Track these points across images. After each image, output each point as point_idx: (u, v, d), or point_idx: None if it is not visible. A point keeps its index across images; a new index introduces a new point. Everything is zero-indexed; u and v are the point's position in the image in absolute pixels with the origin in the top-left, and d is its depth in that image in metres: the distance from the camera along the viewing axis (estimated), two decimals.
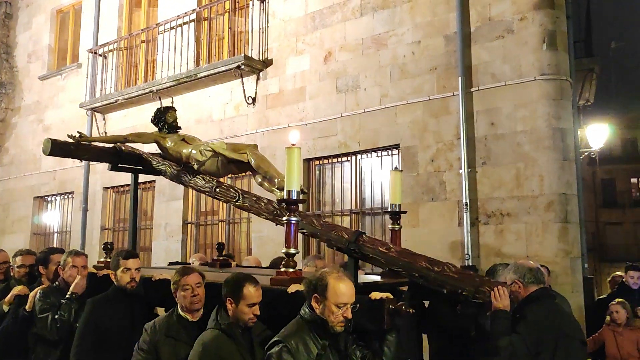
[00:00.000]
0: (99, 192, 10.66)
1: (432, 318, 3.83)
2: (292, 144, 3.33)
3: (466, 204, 6.37)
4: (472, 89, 6.55)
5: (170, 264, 6.14)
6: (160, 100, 9.50)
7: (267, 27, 8.56)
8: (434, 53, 6.91)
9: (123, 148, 4.76)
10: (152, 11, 10.73)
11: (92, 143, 4.64)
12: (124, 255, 3.79)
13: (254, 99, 8.55)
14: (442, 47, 6.85)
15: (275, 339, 2.70)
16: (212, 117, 9.06)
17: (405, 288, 3.65)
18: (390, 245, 3.63)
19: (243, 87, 8.51)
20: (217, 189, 4.39)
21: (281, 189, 3.70)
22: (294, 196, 3.28)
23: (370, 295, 2.89)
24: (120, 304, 3.72)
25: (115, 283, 3.79)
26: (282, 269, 3.26)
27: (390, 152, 7.25)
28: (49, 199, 11.93)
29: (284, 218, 3.29)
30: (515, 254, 5.82)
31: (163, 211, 9.53)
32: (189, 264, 6.14)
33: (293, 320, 2.80)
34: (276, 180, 3.88)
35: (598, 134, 10.69)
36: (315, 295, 2.74)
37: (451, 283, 3.21)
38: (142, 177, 9.73)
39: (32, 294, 4.09)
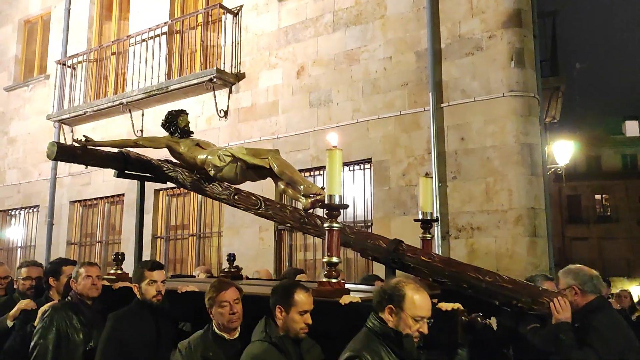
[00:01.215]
0: (65, 205, 10.42)
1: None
2: (333, 146, 3.12)
3: (437, 218, 6.41)
4: (442, 105, 6.65)
5: (173, 276, 5.89)
6: (130, 112, 9.39)
7: (240, 41, 8.56)
8: (405, 69, 7.00)
9: (130, 153, 4.46)
10: (123, 23, 10.63)
11: (99, 148, 4.37)
12: (149, 267, 3.49)
13: (226, 112, 8.51)
14: (413, 63, 6.95)
15: (348, 354, 2.45)
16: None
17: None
18: (433, 254, 3.40)
19: (215, 100, 8.47)
20: (236, 196, 4.17)
21: (307, 196, 3.55)
22: (337, 201, 3.06)
23: (438, 306, 2.67)
24: (145, 319, 3.42)
25: (138, 296, 3.47)
26: (325, 280, 3.03)
27: (362, 167, 7.29)
28: (13, 212, 11.60)
29: (326, 225, 3.06)
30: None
31: (131, 225, 9.30)
32: (194, 276, 5.93)
33: (360, 333, 2.55)
34: (301, 187, 3.65)
35: (564, 150, 10.96)
36: (390, 306, 2.49)
37: (504, 294, 3.00)
38: (110, 191, 9.74)
39: (42, 309, 3.73)
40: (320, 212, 3.87)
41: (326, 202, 3.09)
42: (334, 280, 3.00)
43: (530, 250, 6.00)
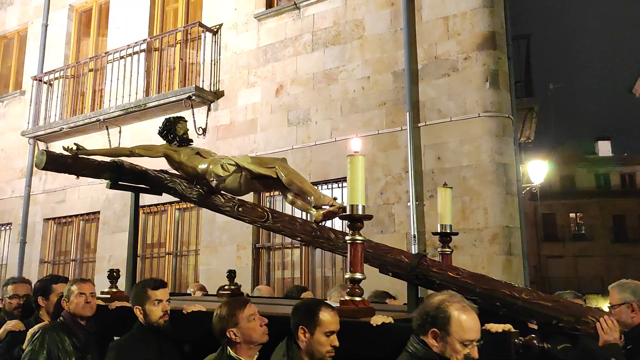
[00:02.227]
0: (39, 223, 10.23)
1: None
2: (355, 152, 2.91)
3: (414, 236, 6.47)
4: (419, 124, 6.74)
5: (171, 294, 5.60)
6: (107, 129, 9.31)
7: (219, 59, 8.59)
8: (383, 89, 7.09)
9: (124, 163, 4.12)
10: (101, 40, 10.59)
11: (91, 157, 4.04)
12: (152, 285, 3.19)
13: (204, 130, 8.50)
14: (390, 83, 7.05)
15: None
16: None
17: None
18: (460, 269, 3.17)
19: (194, 117, 8.46)
20: (240, 208, 3.87)
21: (319, 207, 3.33)
22: (360, 211, 2.84)
23: (486, 328, 2.36)
24: (150, 344, 3.10)
25: (141, 319, 3.15)
26: (347, 298, 2.78)
27: (340, 185, 7.32)
28: None
29: (348, 237, 2.85)
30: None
31: (107, 243, 9.23)
32: (189, 294, 5.67)
33: (401, 358, 2.32)
34: (312, 198, 3.42)
35: (538, 170, 11.16)
36: (434, 330, 2.22)
37: (544, 312, 2.74)
38: (85, 208, 9.60)
39: (31, 331, 3.44)
40: (330, 224, 3.68)
41: (348, 212, 2.86)
42: (358, 299, 2.76)
43: (505, 269, 6.06)
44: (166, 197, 8.84)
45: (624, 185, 35.27)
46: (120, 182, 4.09)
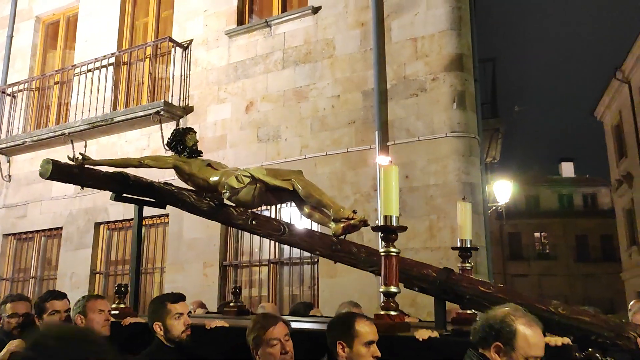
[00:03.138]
0: None
1: None
2: (390, 161, 2.89)
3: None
4: (388, 143, 6.80)
5: None
6: (72, 143, 9.13)
7: (189, 74, 8.55)
8: (352, 107, 7.15)
9: (129, 175, 3.94)
10: (68, 53, 10.43)
11: (97, 167, 3.87)
12: (172, 299, 3.00)
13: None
14: (360, 102, 7.12)
15: None
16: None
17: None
18: (490, 283, 3.07)
19: (162, 132, 8.36)
20: (254, 221, 3.71)
21: (338, 220, 3.25)
22: (394, 223, 2.74)
23: (545, 341, 2.24)
24: None
25: (160, 336, 2.94)
26: (382, 312, 2.70)
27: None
28: None
29: (382, 250, 2.76)
30: (427, 304, 5.94)
31: (69, 260, 8.98)
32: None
33: None
34: (331, 211, 3.30)
35: (504, 189, 11.37)
36: (498, 344, 2.10)
37: (582, 328, 2.65)
38: (47, 224, 9.34)
39: None
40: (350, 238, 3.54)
41: (382, 223, 2.77)
42: (393, 313, 2.67)
43: None
44: (132, 213, 8.68)
45: (586, 206, 36.22)
46: (125, 195, 3.93)
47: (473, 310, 3.20)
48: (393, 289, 2.70)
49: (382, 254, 2.74)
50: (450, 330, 2.98)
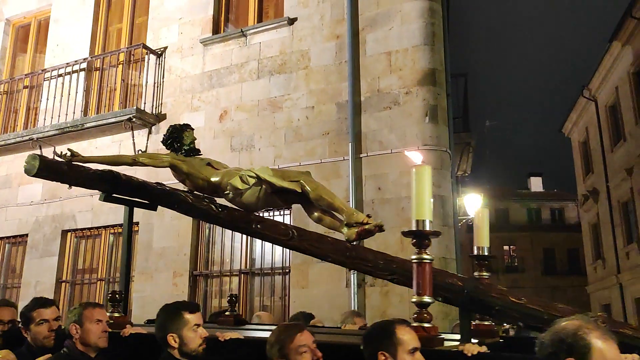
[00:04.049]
0: None
1: None
2: (422, 161, 2.67)
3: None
4: (361, 155, 6.85)
5: (149, 321, 5.14)
6: (40, 149, 8.94)
7: (162, 81, 8.48)
8: (326, 119, 7.19)
9: (121, 174, 3.64)
10: (39, 57, 10.25)
11: (87, 164, 3.57)
12: (189, 308, 2.76)
13: (144, 153, 8.30)
14: (334, 113, 7.16)
15: None
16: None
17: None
18: (520, 293, 2.89)
19: (133, 140, 8.27)
20: (259, 225, 3.46)
21: (351, 225, 3.08)
22: (427, 227, 2.57)
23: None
24: None
25: (172, 348, 2.67)
26: (416, 324, 2.50)
27: (282, 212, 7.30)
28: None
29: (414, 257, 2.58)
30: (399, 316, 5.97)
31: (34, 268, 8.76)
32: None
33: None
34: (343, 215, 3.13)
35: (474, 203, 11.53)
36: (571, 359, 1.91)
37: (624, 341, 2.46)
38: (12, 231, 9.11)
39: None
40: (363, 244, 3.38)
41: (414, 228, 2.59)
42: (427, 325, 2.48)
43: None
44: (101, 221, 8.54)
45: (553, 220, 36.98)
46: (115, 195, 3.65)
47: (491, 322, 3.03)
48: (427, 299, 2.52)
49: (415, 261, 2.56)
50: (496, 344, 2.82)
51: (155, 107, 8.39)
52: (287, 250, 7.15)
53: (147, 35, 8.91)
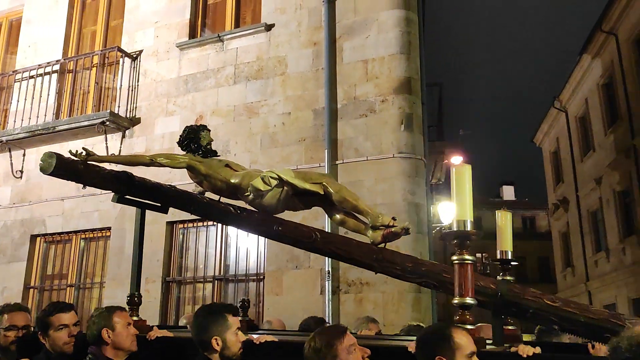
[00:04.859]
0: None
1: None
2: (462, 160, 2.67)
3: (328, 273, 6.51)
4: (337, 162, 6.87)
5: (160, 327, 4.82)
6: (9, 152, 8.77)
7: (137, 85, 8.39)
8: (302, 125, 7.20)
9: (134, 175, 3.53)
10: (10, 57, 10.04)
11: (102, 164, 3.46)
12: (232, 310, 2.66)
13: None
14: (310, 120, 7.17)
15: None
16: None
17: None
18: (554, 296, 2.81)
19: (106, 143, 8.14)
20: (280, 227, 3.37)
21: (377, 228, 3.02)
22: (468, 227, 2.55)
23: None
24: None
25: (214, 353, 2.56)
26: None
27: None
28: None
29: (455, 258, 2.54)
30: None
31: (1, 274, 8.54)
32: (186, 327, 4.71)
33: None
34: (368, 217, 3.06)
35: (448, 210, 11.64)
36: None
37: None
38: None
39: None
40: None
41: (455, 228, 2.57)
42: (470, 327, 2.44)
43: (415, 306, 6.22)
44: (71, 226, 8.39)
45: (525, 229, 37.55)
46: (128, 197, 3.54)
47: (514, 326, 2.98)
48: (469, 300, 2.47)
49: (456, 262, 2.53)
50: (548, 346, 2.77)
51: (130, 111, 8.29)
52: (262, 256, 7.12)
53: (122, 38, 8.81)
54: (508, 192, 40.61)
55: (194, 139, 3.66)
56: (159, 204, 3.66)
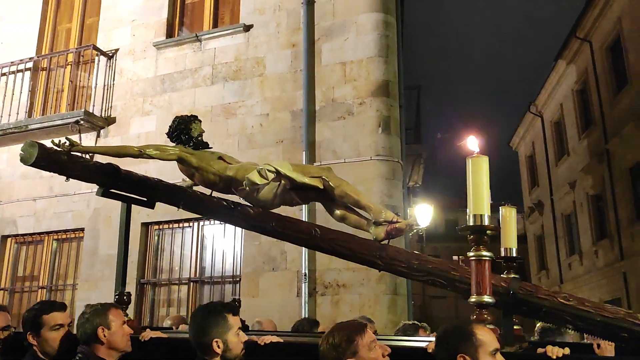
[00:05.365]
0: None
1: None
2: (477, 152, 2.50)
3: (305, 275, 6.49)
4: (315, 164, 6.85)
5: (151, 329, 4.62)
6: None
7: (113, 84, 8.27)
8: (280, 126, 7.17)
9: (120, 168, 3.37)
10: None
11: (87, 155, 3.28)
12: (233, 310, 2.49)
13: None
14: (288, 121, 7.15)
15: None
16: (41, 173, 8.31)
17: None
18: (567, 293, 2.73)
19: (81, 143, 7.99)
20: (274, 224, 3.23)
21: (379, 224, 2.92)
22: (485, 222, 2.40)
23: None
24: None
25: (215, 356, 2.40)
26: None
27: (212, 221, 7.20)
28: None
29: (471, 253, 2.42)
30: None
31: None
32: (171, 328, 4.72)
33: None
34: (370, 212, 2.96)
35: (425, 213, 11.72)
36: None
37: None
38: None
39: None
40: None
41: (471, 223, 2.42)
42: (489, 326, 2.35)
43: (391, 308, 6.23)
44: (43, 227, 8.22)
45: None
46: (112, 190, 3.38)
47: (518, 326, 2.91)
48: (487, 298, 2.36)
49: (473, 258, 2.41)
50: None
51: (105, 110, 8.17)
52: (238, 258, 7.07)
53: (97, 36, 8.68)
54: None
55: (185, 130, 3.49)
56: (145, 199, 3.51)
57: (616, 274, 15.36)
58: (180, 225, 7.47)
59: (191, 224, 7.43)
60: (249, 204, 3.31)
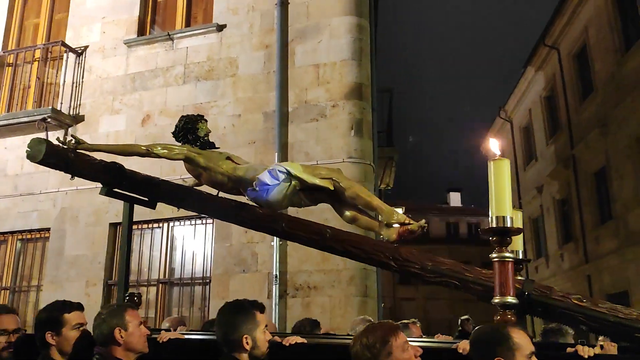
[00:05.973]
0: None
1: None
2: (498, 155, 2.48)
3: (276, 276, 6.47)
4: None
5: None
6: None
7: (82, 81, 8.12)
8: (253, 128, 7.14)
9: (124, 167, 3.33)
10: None
11: (93, 153, 3.22)
12: (260, 308, 2.49)
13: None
14: (261, 122, 7.13)
15: None
16: (5, 171, 8.13)
17: None
18: (581, 295, 2.72)
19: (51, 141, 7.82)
20: (284, 224, 3.20)
21: (391, 225, 2.90)
22: (508, 224, 2.40)
23: None
24: None
25: (244, 352, 2.40)
26: None
27: (204, 221, 7.15)
28: None
29: (494, 255, 2.42)
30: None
31: None
32: (169, 330, 4.53)
33: None
34: (382, 214, 2.95)
35: None
36: None
37: None
38: None
39: None
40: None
41: (494, 224, 2.42)
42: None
43: (361, 310, 6.25)
44: (7, 226, 8.01)
45: (470, 234, 38.56)
46: (116, 190, 3.32)
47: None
48: (510, 299, 2.35)
49: (496, 259, 2.42)
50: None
51: (73, 108, 8.01)
52: (209, 260, 7.01)
53: (66, 33, 8.51)
54: (455, 199, 41.60)
55: (191, 129, 3.42)
56: (147, 199, 3.44)
57: (580, 276, 15.73)
58: (150, 225, 7.37)
59: (161, 225, 7.34)
60: (255, 205, 3.28)
